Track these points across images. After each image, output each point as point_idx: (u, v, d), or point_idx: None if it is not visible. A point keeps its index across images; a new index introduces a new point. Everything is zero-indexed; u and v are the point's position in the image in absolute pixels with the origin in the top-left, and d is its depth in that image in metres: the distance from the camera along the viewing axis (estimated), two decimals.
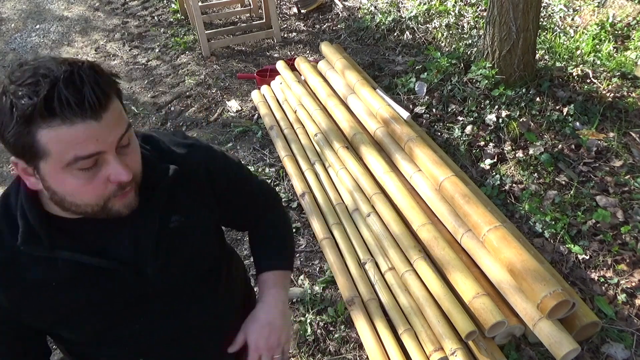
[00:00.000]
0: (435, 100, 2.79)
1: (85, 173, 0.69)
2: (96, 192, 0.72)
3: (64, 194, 0.72)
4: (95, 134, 0.67)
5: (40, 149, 0.66)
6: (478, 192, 2.13)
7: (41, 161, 0.68)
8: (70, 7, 4.88)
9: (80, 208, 0.74)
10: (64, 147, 0.66)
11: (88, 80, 0.65)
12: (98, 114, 0.66)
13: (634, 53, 2.94)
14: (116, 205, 0.75)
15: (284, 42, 3.90)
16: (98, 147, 0.68)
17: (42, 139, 0.65)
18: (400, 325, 1.73)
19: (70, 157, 0.67)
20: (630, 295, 1.79)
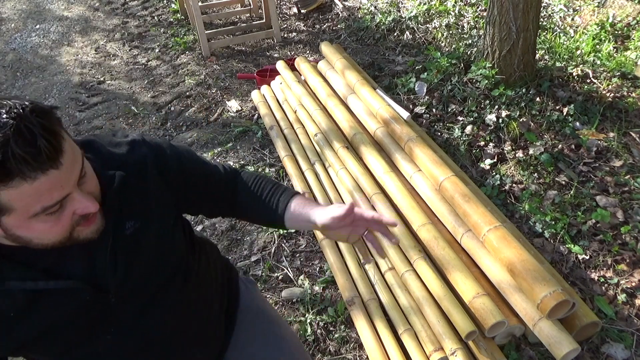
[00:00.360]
0: (435, 100, 2.79)
1: (52, 216, 0.68)
2: (62, 229, 0.71)
3: (31, 238, 0.70)
4: (58, 181, 0.65)
5: (2, 207, 0.64)
6: (478, 192, 2.13)
7: (3, 217, 0.66)
8: (70, 7, 4.88)
9: (48, 246, 0.72)
10: (29, 202, 0.64)
11: (37, 130, 0.62)
12: (57, 161, 0.64)
13: (634, 53, 2.94)
14: (83, 233, 0.74)
15: (284, 42, 3.91)
16: (63, 192, 0.67)
17: (4, 198, 0.63)
18: (400, 325, 1.73)
19: (37, 208, 0.66)
20: (630, 295, 1.79)
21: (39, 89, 3.65)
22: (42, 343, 0.80)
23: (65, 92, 3.59)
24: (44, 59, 4.05)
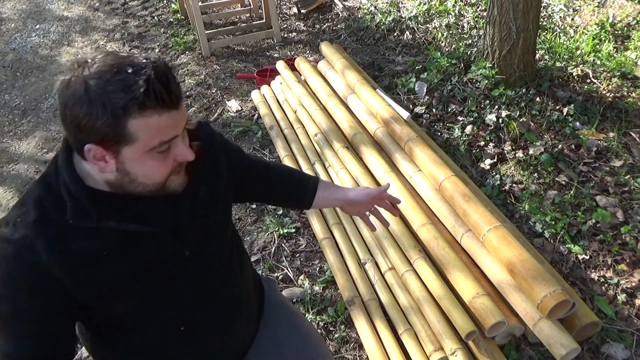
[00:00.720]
0: (435, 100, 2.79)
1: (161, 155, 0.80)
2: (165, 171, 0.82)
3: (137, 175, 0.80)
4: (176, 121, 0.79)
5: (128, 136, 0.75)
6: (478, 192, 2.13)
7: (125, 147, 0.76)
8: (70, 7, 4.88)
9: (148, 187, 0.83)
10: (151, 134, 0.76)
11: (169, 77, 0.77)
12: (179, 104, 0.78)
13: (634, 53, 2.94)
14: (173, 183, 0.85)
15: (284, 42, 3.91)
16: (176, 132, 0.80)
17: (132, 127, 0.74)
18: (400, 325, 1.73)
19: (156, 142, 0.77)
20: (630, 295, 1.79)
21: (39, 89, 3.65)
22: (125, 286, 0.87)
23: None
24: (44, 59, 4.05)
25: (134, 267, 0.86)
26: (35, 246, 0.79)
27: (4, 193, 2.70)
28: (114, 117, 0.73)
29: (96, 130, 0.74)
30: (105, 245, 0.83)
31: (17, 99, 3.57)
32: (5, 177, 2.83)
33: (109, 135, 0.75)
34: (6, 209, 2.59)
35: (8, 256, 0.80)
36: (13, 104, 3.52)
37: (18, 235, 0.80)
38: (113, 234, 0.83)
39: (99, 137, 0.75)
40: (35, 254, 0.79)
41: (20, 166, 2.91)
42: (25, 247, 0.79)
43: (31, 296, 0.81)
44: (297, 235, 2.25)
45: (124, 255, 0.85)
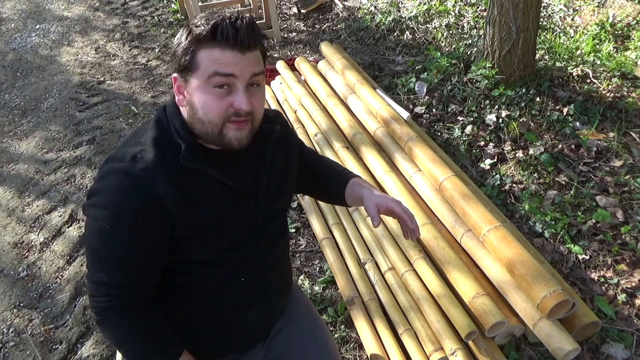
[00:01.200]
0: (435, 100, 2.79)
1: (218, 92, 0.89)
2: (220, 110, 0.90)
3: (197, 108, 0.91)
4: (236, 61, 0.88)
5: (195, 64, 0.88)
6: (478, 192, 2.13)
7: (192, 75, 0.90)
8: (70, 7, 4.88)
9: (206, 127, 0.92)
10: (210, 63, 0.88)
11: (245, 26, 0.88)
12: (243, 50, 0.88)
13: (634, 53, 2.94)
14: (230, 133, 0.93)
15: (284, 42, 3.91)
16: (234, 71, 0.88)
17: (199, 56, 0.88)
18: (400, 325, 1.73)
19: (211, 70, 0.88)
20: (630, 295, 1.79)
21: (39, 89, 3.65)
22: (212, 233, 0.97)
23: (65, 92, 3.58)
24: (44, 59, 4.05)
25: (222, 216, 0.97)
26: (155, 179, 0.90)
27: (4, 193, 2.70)
28: (189, 46, 0.88)
29: (178, 56, 0.89)
30: (205, 188, 0.95)
31: (17, 99, 3.57)
32: (5, 177, 2.83)
33: (183, 63, 0.89)
34: (6, 208, 2.59)
35: (127, 187, 0.89)
36: (13, 104, 3.52)
37: (138, 168, 0.90)
38: (212, 180, 0.95)
39: (179, 66, 0.90)
40: (155, 186, 0.90)
41: (20, 166, 2.91)
42: (146, 180, 0.89)
43: (147, 226, 0.91)
44: (297, 235, 2.25)
45: (217, 202, 0.97)
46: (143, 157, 0.91)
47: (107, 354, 1.85)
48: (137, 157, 0.91)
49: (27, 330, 1.97)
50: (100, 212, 0.91)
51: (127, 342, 1.00)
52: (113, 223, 0.90)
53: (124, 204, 0.89)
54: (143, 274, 0.97)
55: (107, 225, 0.90)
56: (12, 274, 2.22)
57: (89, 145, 3.03)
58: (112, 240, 0.92)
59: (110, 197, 0.90)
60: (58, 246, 2.34)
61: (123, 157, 0.92)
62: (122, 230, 0.91)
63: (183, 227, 0.94)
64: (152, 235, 0.93)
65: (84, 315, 2.01)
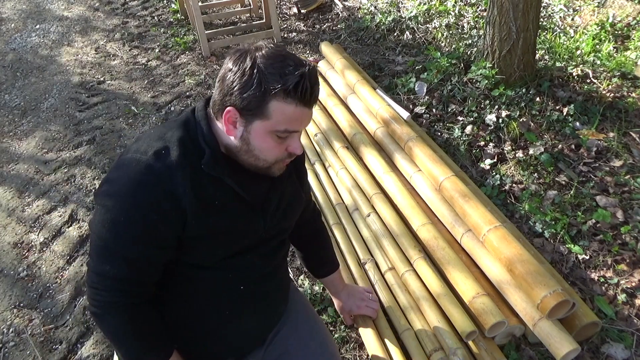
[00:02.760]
0: (435, 100, 2.79)
1: (278, 140, 0.94)
2: (277, 154, 0.96)
3: (255, 148, 0.94)
4: (304, 118, 0.93)
5: (265, 113, 0.90)
6: (478, 192, 2.13)
7: (258, 120, 0.91)
8: (70, 7, 4.88)
9: (258, 161, 0.96)
10: (283, 119, 0.90)
11: (317, 82, 0.92)
12: (313, 106, 0.93)
13: (634, 53, 2.94)
14: (275, 168, 1.00)
15: (284, 42, 3.91)
16: (299, 127, 0.93)
17: (272, 107, 0.89)
18: (400, 325, 1.73)
19: (282, 127, 0.91)
20: (630, 295, 1.79)
21: (39, 89, 3.65)
22: (218, 239, 0.99)
23: (65, 92, 3.58)
24: (44, 59, 4.05)
25: (231, 224, 0.99)
26: (175, 178, 0.90)
27: (4, 193, 2.70)
28: (262, 94, 0.88)
29: (244, 97, 0.89)
30: (219, 196, 0.96)
31: (17, 99, 3.57)
32: (5, 177, 2.83)
33: (250, 106, 0.90)
34: (6, 208, 2.59)
35: (147, 181, 0.89)
36: (13, 104, 3.52)
37: (161, 164, 0.90)
38: (227, 189, 0.97)
39: (241, 105, 0.90)
40: (175, 184, 0.90)
41: (20, 166, 2.91)
42: (167, 177, 0.90)
43: (161, 222, 0.91)
44: None
45: (228, 210, 0.98)
46: (167, 154, 0.91)
47: (107, 354, 1.85)
48: (161, 153, 0.91)
49: (27, 330, 1.97)
50: (116, 202, 0.90)
51: (124, 338, 1.00)
52: (128, 215, 0.90)
53: (142, 197, 0.89)
54: (149, 270, 0.97)
55: (120, 217, 0.90)
56: (12, 274, 2.22)
57: (89, 145, 3.02)
58: (124, 233, 0.91)
59: (129, 188, 0.89)
60: (58, 246, 2.34)
61: (146, 150, 0.92)
62: (135, 224, 0.90)
63: (193, 228, 0.95)
64: (165, 232, 0.93)
65: (84, 315, 2.01)
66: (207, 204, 0.95)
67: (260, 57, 0.89)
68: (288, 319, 1.27)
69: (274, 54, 0.90)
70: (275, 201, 1.07)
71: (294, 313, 1.29)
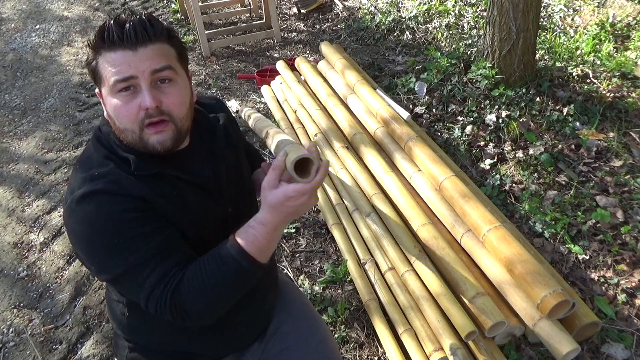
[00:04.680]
0: (435, 100, 2.79)
1: (124, 97, 0.86)
2: (130, 114, 0.86)
3: (114, 118, 0.88)
4: (129, 60, 0.84)
5: (99, 74, 0.86)
6: (478, 192, 2.13)
7: (102, 87, 0.88)
8: (70, 7, 4.88)
9: (124, 134, 0.89)
10: (108, 71, 0.84)
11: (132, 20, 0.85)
12: (133, 46, 0.84)
13: (634, 53, 2.94)
14: (151, 138, 0.89)
15: (284, 42, 3.91)
16: (131, 72, 0.84)
17: (100, 66, 0.86)
18: (400, 325, 1.73)
19: (112, 79, 0.84)
20: (630, 295, 1.79)
21: (39, 89, 3.65)
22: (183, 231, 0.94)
23: (65, 92, 3.58)
24: (44, 59, 4.05)
25: (192, 212, 0.95)
26: (124, 186, 0.86)
27: (4, 193, 2.70)
28: (91, 57, 0.87)
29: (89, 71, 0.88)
30: (172, 188, 0.93)
31: (17, 99, 3.57)
32: (5, 177, 2.83)
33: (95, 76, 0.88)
34: (6, 208, 2.59)
35: (107, 201, 0.85)
36: (13, 104, 3.52)
37: (104, 182, 0.86)
38: (174, 180, 0.93)
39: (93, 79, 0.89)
40: (129, 191, 0.86)
41: (20, 166, 2.91)
42: (118, 187, 0.86)
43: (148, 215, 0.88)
44: (297, 235, 2.25)
45: (185, 200, 0.94)
46: (101, 173, 0.87)
47: (107, 354, 1.85)
48: (95, 174, 0.87)
49: (27, 330, 1.97)
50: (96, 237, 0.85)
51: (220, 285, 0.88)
52: (120, 232, 0.85)
53: (114, 211, 0.85)
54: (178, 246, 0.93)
55: (115, 240, 0.86)
56: (12, 274, 2.22)
57: None
58: (133, 245, 0.86)
59: (98, 217, 0.85)
60: (58, 246, 2.34)
61: (80, 184, 0.87)
62: (132, 231, 0.86)
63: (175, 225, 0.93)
64: (157, 218, 0.90)
65: (84, 315, 2.01)
66: (165, 198, 0.91)
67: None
68: (289, 317, 1.26)
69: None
70: (224, 174, 1.03)
71: (294, 310, 1.28)
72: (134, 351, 1.11)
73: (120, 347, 1.15)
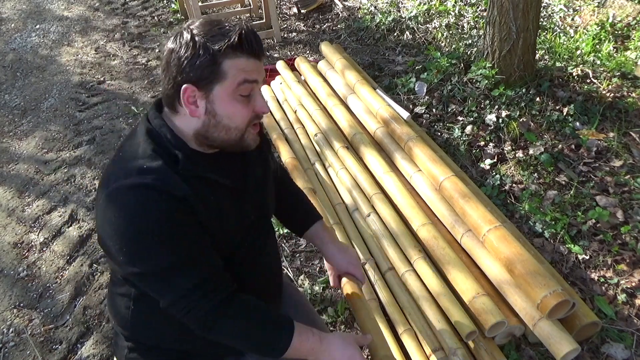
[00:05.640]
0: (435, 100, 2.79)
1: (243, 100, 0.94)
2: (246, 116, 0.95)
3: (222, 117, 0.93)
4: (258, 68, 0.94)
5: (221, 74, 0.90)
6: (478, 192, 2.13)
7: (217, 85, 0.91)
8: (70, 7, 4.88)
9: (230, 132, 0.95)
10: (238, 72, 0.91)
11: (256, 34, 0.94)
12: (261, 56, 0.95)
13: (634, 53, 2.94)
14: (249, 136, 0.98)
15: (284, 42, 3.91)
16: (257, 77, 0.94)
17: (225, 66, 0.90)
18: (400, 325, 1.73)
19: (241, 78, 0.91)
20: (630, 295, 1.79)
21: (39, 89, 3.65)
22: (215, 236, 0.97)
23: (65, 92, 3.58)
24: (44, 59, 4.05)
25: (226, 217, 0.99)
26: (170, 184, 0.89)
27: (4, 193, 2.70)
28: (212, 57, 0.89)
29: (196, 68, 0.89)
30: (211, 192, 0.96)
31: (17, 99, 3.57)
32: (5, 177, 2.83)
33: (204, 74, 0.90)
34: (6, 208, 2.59)
35: (149, 198, 0.87)
36: (13, 104, 3.52)
37: (153, 178, 0.88)
38: (211, 182, 0.97)
39: (196, 77, 0.90)
40: (173, 190, 0.89)
41: (20, 166, 2.91)
42: (163, 186, 0.88)
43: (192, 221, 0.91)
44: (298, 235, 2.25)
45: (221, 203, 0.98)
46: (150, 167, 0.89)
47: (107, 354, 1.85)
48: (143, 168, 0.89)
49: (27, 330, 1.97)
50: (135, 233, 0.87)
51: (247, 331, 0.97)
52: (160, 231, 0.87)
53: (158, 209, 0.87)
54: (210, 260, 0.95)
55: (154, 238, 0.87)
56: (12, 274, 2.22)
57: (89, 145, 3.02)
58: (170, 246, 0.89)
59: (137, 213, 0.87)
60: (58, 246, 2.34)
61: (127, 173, 0.89)
62: (171, 232, 0.88)
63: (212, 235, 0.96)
64: (195, 223, 0.92)
65: (84, 315, 2.01)
66: (204, 202, 0.94)
67: (195, 28, 0.91)
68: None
69: (206, 21, 0.92)
70: (252, 182, 1.07)
71: (293, 312, 1.28)
72: (134, 351, 1.11)
73: (119, 347, 1.15)
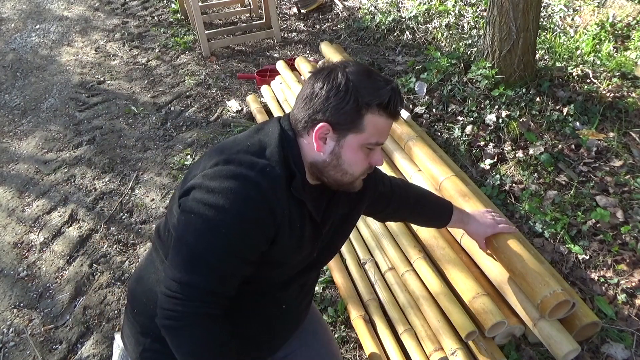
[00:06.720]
0: (435, 100, 2.79)
1: (366, 153, 0.98)
2: (363, 167, 1.00)
3: (345, 162, 0.97)
4: (389, 130, 0.99)
5: (360, 127, 0.93)
6: (478, 192, 2.13)
7: (352, 134, 0.94)
8: (70, 7, 4.88)
9: (344, 176, 0.99)
10: (375, 132, 0.95)
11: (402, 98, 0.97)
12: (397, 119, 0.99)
13: (634, 53, 2.94)
14: (357, 183, 1.03)
15: (284, 42, 3.91)
16: (385, 139, 0.99)
17: (366, 120, 0.93)
18: (400, 325, 1.73)
19: (374, 140, 0.96)
20: (630, 295, 1.79)
21: (39, 89, 3.65)
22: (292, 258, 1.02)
23: (65, 92, 3.59)
24: (44, 59, 4.05)
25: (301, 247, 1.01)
26: (278, 197, 0.92)
27: (4, 193, 2.70)
28: (358, 109, 0.92)
29: (340, 113, 0.92)
30: (301, 218, 0.98)
31: (17, 99, 3.57)
32: (5, 177, 2.83)
33: (345, 120, 0.93)
34: (6, 208, 2.59)
35: (253, 197, 0.90)
36: (13, 104, 3.53)
37: (267, 182, 0.91)
38: (304, 211, 0.99)
39: (335, 120, 0.93)
40: (277, 203, 0.92)
41: (20, 166, 2.91)
42: (272, 195, 0.91)
43: (258, 238, 0.92)
44: None
45: (303, 233, 1.00)
46: (272, 172, 0.92)
47: (107, 354, 1.85)
48: (266, 170, 0.92)
49: (27, 330, 1.97)
50: (218, 213, 0.88)
51: (206, 351, 0.95)
52: (231, 228, 0.89)
53: (249, 212, 0.89)
54: (234, 283, 0.96)
55: (222, 229, 0.88)
56: (12, 274, 2.22)
57: (89, 145, 3.03)
58: (220, 245, 0.89)
59: (235, 201, 0.88)
60: (58, 246, 2.34)
61: (250, 164, 0.91)
62: (236, 238, 0.90)
63: (276, 247, 0.96)
64: (257, 247, 0.93)
65: (84, 315, 2.01)
66: (291, 226, 0.96)
67: (350, 73, 0.92)
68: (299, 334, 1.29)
69: (362, 70, 0.94)
70: (330, 220, 1.08)
71: (311, 338, 1.30)
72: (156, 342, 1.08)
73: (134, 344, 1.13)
